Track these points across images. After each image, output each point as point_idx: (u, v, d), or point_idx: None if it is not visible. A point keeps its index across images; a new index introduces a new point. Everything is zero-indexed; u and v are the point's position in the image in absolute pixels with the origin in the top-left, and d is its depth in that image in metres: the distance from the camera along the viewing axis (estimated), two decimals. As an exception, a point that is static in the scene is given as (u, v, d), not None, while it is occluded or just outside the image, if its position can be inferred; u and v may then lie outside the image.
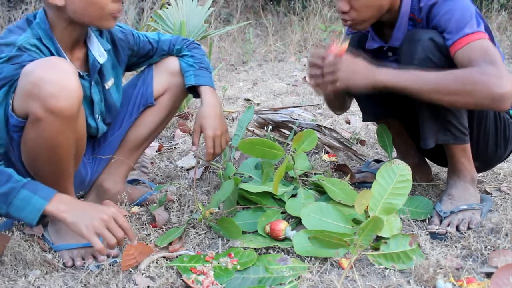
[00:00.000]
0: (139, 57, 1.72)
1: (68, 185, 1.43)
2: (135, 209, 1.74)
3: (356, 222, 1.52)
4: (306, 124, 2.25)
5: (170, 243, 1.50)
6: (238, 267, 1.35)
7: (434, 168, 1.98)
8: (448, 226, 1.53)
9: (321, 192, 1.71)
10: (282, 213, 1.61)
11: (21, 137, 1.32)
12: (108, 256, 1.42)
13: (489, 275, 1.29)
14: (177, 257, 1.44)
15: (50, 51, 1.39)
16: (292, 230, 1.50)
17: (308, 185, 1.76)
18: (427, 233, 1.53)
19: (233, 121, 2.75)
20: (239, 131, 1.90)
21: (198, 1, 3.02)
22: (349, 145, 2.26)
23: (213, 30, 4.14)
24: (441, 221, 1.55)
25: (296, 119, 2.32)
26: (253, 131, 2.36)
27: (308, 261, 1.40)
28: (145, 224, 1.64)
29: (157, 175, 2.10)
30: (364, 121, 1.86)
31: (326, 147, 2.23)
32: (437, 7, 1.47)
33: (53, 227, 1.51)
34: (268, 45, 5.25)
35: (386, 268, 1.36)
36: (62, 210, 1.25)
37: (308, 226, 1.46)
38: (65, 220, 1.24)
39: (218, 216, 1.61)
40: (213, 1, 3.92)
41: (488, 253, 1.40)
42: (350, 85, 1.45)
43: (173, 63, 1.72)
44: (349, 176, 1.85)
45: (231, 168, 1.79)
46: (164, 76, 1.72)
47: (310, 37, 5.36)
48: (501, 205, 1.69)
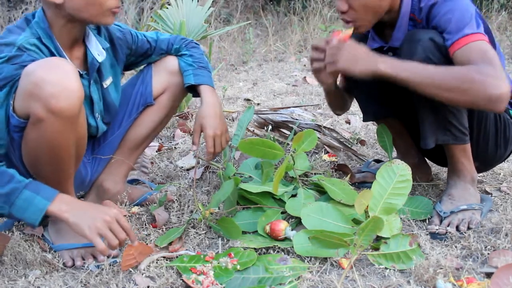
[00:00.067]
0: (137, 56, 1.71)
1: (68, 185, 1.43)
2: (135, 209, 1.74)
3: (356, 222, 1.52)
4: (306, 124, 2.25)
5: (170, 243, 1.50)
6: (238, 267, 1.35)
7: (434, 168, 1.98)
8: (448, 226, 1.53)
9: (321, 192, 1.71)
10: (282, 213, 1.61)
11: (22, 137, 1.32)
12: (108, 256, 1.42)
13: (489, 275, 1.29)
14: (177, 257, 1.44)
15: (49, 50, 1.39)
16: (292, 230, 1.50)
17: (308, 185, 1.76)
18: (427, 233, 1.53)
19: (233, 121, 2.75)
20: (239, 131, 1.90)
21: (198, 1, 3.01)
22: (349, 145, 2.26)
23: (213, 30, 4.14)
24: (441, 221, 1.55)
25: (296, 119, 2.32)
26: (253, 131, 2.36)
27: (308, 261, 1.40)
28: (145, 224, 1.64)
29: (157, 175, 2.09)
30: (364, 121, 1.85)
31: (326, 147, 2.23)
32: (437, 7, 1.47)
33: (53, 227, 1.51)
34: (268, 45, 5.25)
35: (386, 268, 1.36)
36: (64, 210, 1.25)
37: (308, 226, 1.46)
38: (67, 220, 1.25)
39: (218, 216, 1.61)
40: (213, 1, 3.92)
41: (488, 253, 1.40)
42: (350, 70, 1.44)
43: (172, 62, 1.72)
44: (349, 176, 1.85)
45: (231, 168, 1.79)
46: (163, 75, 1.72)
47: (310, 37, 5.35)
48: (501, 205, 1.69)
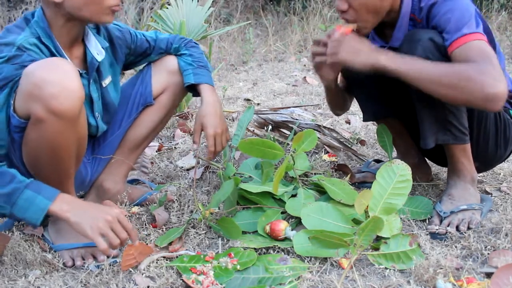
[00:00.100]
0: (136, 55, 1.71)
1: (69, 185, 1.43)
2: (135, 209, 1.74)
3: (356, 222, 1.52)
4: (306, 124, 2.25)
5: (170, 243, 1.50)
6: (238, 267, 1.35)
7: (434, 168, 1.98)
8: (448, 226, 1.53)
9: (321, 192, 1.71)
10: (282, 213, 1.61)
11: (22, 137, 1.32)
12: (108, 256, 1.42)
13: (489, 275, 1.29)
14: (177, 257, 1.44)
15: (49, 49, 1.39)
16: (292, 230, 1.50)
17: (308, 185, 1.76)
18: (427, 233, 1.53)
19: (233, 121, 2.74)
20: (239, 131, 1.90)
21: (198, 1, 3.01)
22: (349, 145, 2.26)
23: (213, 30, 4.14)
24: (441, 221, 1.55)
25: (296, 119, 2.32)
26: (253, 131, 2.36)
27: (308, 261, 1.40)
28: (145, 224, 1.64)
29: (157, 175, 2.09)
30: (364, 121, 1.85)
31: (326, 147, 2.23)
32: (437, 6, 1.47)
33: (53, 227, 1.51)
34: (268, 45, 5.25)
35: (386, 268, 1.36)
36: (65, 210, 1.25)
37: (308, 226, 1.46)
38: (68, 220, 1.25)
39: (218, 216, 1.61)
40: (213, 1, 3.92)
41: (488, 253, 1.40)
42: (350, 61, 1.45)
43: (171, 62, 1.72)
44: (349, 176, 1.85)
45: (231, 168, 1.79)
46: (163, 75, 1.72)
47: (310, 37, 5.35)
48: (501, 205, 1.69)
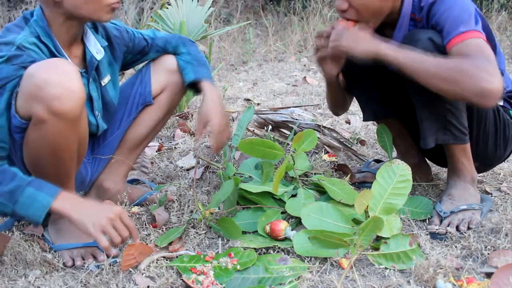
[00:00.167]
0: (134, 53, 1.71)
1: (70, 185, 1.43)
2: (135, 209, 1.74)
3: (356, 222, 1.52)
4: (306, 124, 2.25)
5: (170, 243, 1.50)
6: (238, 267, 1.35)
7: (434, 168, 1.98)
8: (448, 226, 1.53)
9: (321, 192, 1.71)
10: (282, 213, 1.61)
11: (23, 138, 1.32)
12: (108, 256, 1.42)
13: (489, 275, 1.29)
14: (177, 257, 1.44)
15: (49, 49, 1.39)
16: (292, 230, 1.50)
17: (308, 185, 1.76)
18: (427, 233, 1.53)
19: (233, 121, 2.74)
20: (239, 131, 1.90)
21: (198, 1, 3.01)
22: (349, 145, 2.26)
23: (213, 30, 4.14)
24: (441, 221, 1.55)
25: (296, 119, 2.32)
26: (253, 131, 2.36)
27: (308, 261, 1.40)
28: (145, 224, 1.64)
29: (157, 175, 2.09)
30: (364, 120, 1.85)
31: (326, 147, 2.23)
32: (437, 5, 1.47)
33: (53, 226, 1.51)
34: (268, 45, 5.25)
35: (386, 268, 1.36)
36: (67, 207, 1.25)
37: (308, 226, 1.46)
38: (70, 217, 1.24)
39: (218, 216, 1.61)
40: (213, 1, 3.92)
41: (488, 253, 1.40)
42: (352, 49, 1.48)
43: (170, 61, 1.72)
44: (349, 176, 1.85)
45: (231, 168, 1.79)
46: (162, 74, 1.72)
47: (310, 37, 5.35)
48: (501, 205, 1.68)
